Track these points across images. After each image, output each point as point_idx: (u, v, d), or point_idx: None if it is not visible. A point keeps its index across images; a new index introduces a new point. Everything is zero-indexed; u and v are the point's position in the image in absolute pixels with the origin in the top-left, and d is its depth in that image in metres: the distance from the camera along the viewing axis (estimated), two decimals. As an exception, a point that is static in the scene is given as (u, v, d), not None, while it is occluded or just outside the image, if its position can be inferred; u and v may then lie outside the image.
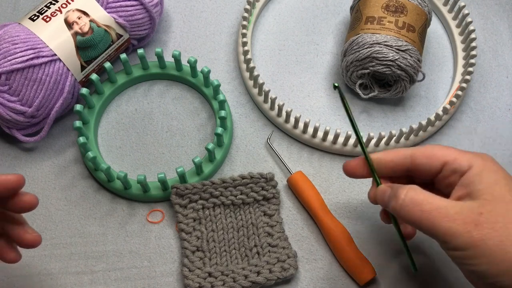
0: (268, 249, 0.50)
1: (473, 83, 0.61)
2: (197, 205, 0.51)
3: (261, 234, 0.51)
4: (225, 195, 0.52)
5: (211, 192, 0.51)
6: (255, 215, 0.52)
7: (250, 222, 0.51)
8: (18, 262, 0.42)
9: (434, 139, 0.57)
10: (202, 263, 0.50)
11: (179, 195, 0.51)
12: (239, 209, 0.52)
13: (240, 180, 0.51)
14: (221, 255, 0.50)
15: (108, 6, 0.54)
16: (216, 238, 0.51)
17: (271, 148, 0.56)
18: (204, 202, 0.52)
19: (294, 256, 0.50)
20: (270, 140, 0.56)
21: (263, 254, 0.50)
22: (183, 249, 0.50)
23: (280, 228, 0.51)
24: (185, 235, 0.51)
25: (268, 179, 0.52)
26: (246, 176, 0.52)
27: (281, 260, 0.49)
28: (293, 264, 0.49)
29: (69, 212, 0.53)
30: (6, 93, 0.50)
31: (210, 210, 0.52)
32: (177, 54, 0.55)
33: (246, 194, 0.52)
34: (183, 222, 0.51)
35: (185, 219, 0.51)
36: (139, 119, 0.57)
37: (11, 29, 0.51)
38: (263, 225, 0.51)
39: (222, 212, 0.52)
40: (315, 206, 0.51)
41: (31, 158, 0.55)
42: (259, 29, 0.63)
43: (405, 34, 0.54)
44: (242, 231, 0.51)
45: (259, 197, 0.52)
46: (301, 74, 0.60)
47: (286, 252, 0.50)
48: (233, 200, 0.52)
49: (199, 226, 0.51)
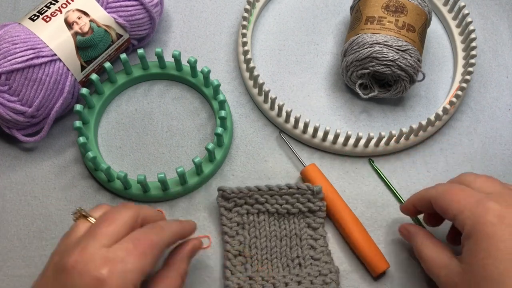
0: (310, 261, 0.50)
1: (473, 83, 0.61)
2: (242, 209, 0.51)
3: (304, 246, 0.50)
4: (270, 203, 0.51)
5: (256, 198, 0.51)
6: (299, 226, 0.51)
7: (294, 233, 0.51)
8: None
9: (434, 139, 0.57)
10: (244, 268, 0.49)
11: (225, 198, 0.51)
12: (283, 218, 0.51)
13: (287, 190, 0.51)
14: (263, 262, 0.50)
15: (108, 6, 0.54)
16: (258, 245, 0.50)
17: (284, 140, 0.55)
18: (249, 208, 0.51)
19: (336, 271, 0.49)
20: (282, 135, 0.56)
21: (305, 266, 0.50)
22: (226, 252, 0.50)
23: (324, 242, 0.51)
24: (228, 238, 0.50)
25: (315, 192, 0.51)
26: (293, 186, 0.51)
27: (323, 274, 0.49)
28: (335, 279, 0.49)
29: (69, 212, 0.53)
30: (6, 93, 0.50)
31: (255, 216, 0.51)
32: (177, 54, 0.55)
33: (292, 204, 0.51)
34: (227, 225, 0.51)
35: (229, 222, 0.51)
36: (139, 119, 0.57)
37: (11, 29, 0.51)
38: (307, 237, 0.51)
39: (266, 220, 0.51)
40: (331, 195, 0.52)
41: (31, 158, 0.55)
42: (259, 29, 0.63)
43: (405, 34, 0.54)
44: (285, 240, 0.51)
45: (305, 209, 0.51)
46: (301, 74, 0.60)
47: (328, 267, 0.49)
48: (278, 209, 0.51)
49: (242, 231, 0.51)
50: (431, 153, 0.57)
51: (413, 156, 0.57)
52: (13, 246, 0.52)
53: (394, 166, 0.56)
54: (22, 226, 0.52)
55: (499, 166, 0.56)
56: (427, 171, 0.56)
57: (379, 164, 0.56)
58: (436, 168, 0.56)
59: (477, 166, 0.56)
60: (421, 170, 0.56)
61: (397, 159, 0.56)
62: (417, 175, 0.56)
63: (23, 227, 0.52)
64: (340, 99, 0.59)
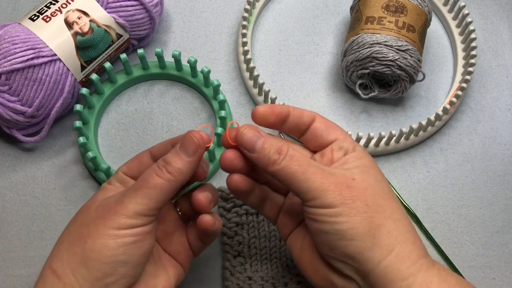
0: None
1: (473, 83, 0.61)
2: (241, 210, 0.51)
3: None
4: None
5: None
6: None
7: None
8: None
9: (434, 139, 0.57)
10: (243, 268, 0.49)
11: (224, 199, 0.51)
12: None
13: None
14: (262, 262, 0.50)
15: (108, 6, 0.54)
16: (257, 245, 0.50)
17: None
18: (248, 208, 0.51)
19: None
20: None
21: None
22: (224, 253, 0.50)
23: None
24: (226, 239, 0.50)
25: None
26: None
27: None
28: None
29: (69, 212, 0.53)
30: (6, 93, 0.50)
31: (254, 216, 0.51)
32: (177, 54, 0.55)
33: None
34: (226, 226, 0.50)
35: (228, 222, 0.51)
36: (139, 119, 0.57)
37: (11, 29, 0.51)
38: None
39: (265, 220, 0.51)
40: None
41: (31, 158, 0.55)
42: (259, 29, 0.63)
43: (405, 34, 0.54)
44: None
45: None
46: (301, 74, 0.60)
47: None
48: None
49: (241, 231, 0.51)
50: (431, 153, 0.57)
51: (413, 156, 0.57)
52: (13, 246, 0.52)
53: (394, 166, 0.56)
54: (22, 226, 0.52)
55: (499, 166, 0.56)
56: (427, 171, 0.56)
57: (379, 164, 0.56)
58: (436, 168, 0.56)
59: (477, 166, 0.56)
60: (421, 170, 0.56)
61: (397, 159, 0.56)
62: (417, 175, 0.56)
63: (23, 227, 0.52)
64: (340, 99, 0.59)
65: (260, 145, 0.38)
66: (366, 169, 0.39)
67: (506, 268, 0.52)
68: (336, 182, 0.37)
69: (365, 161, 0.39)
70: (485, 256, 0.52)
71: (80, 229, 0.39)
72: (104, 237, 0.37)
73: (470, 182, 0.56)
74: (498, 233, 0.53)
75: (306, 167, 0.37)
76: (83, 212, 0.41)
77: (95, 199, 0.41)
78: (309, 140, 0.41)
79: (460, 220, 0.54)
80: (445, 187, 0.55)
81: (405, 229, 0.37)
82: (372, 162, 0.40)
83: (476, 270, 0.52)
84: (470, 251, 0.53)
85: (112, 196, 0.40)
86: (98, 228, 0.37)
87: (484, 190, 0.55)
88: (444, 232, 0.53)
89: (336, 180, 0.37)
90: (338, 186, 0.36)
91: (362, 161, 0.39)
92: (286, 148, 0.38)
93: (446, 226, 0.54)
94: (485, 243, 0.53)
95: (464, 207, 0.55)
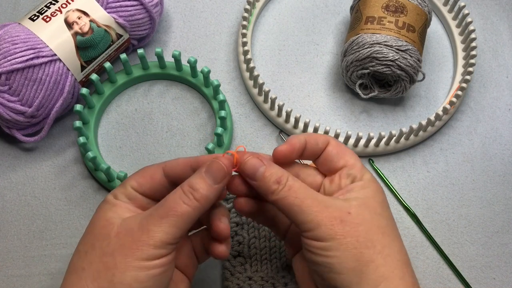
0: None
1: (473, 83, 0.61)
2: None
3: None
4: None
5: None
6: None
7: None
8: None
9: (434, 139, 0.57)
10: (243, 268, 0.49)
11: (224, 199, 0.51)
12: None
13: None
14: (262, 262, 0.50)
15: (108, 6, 0.54)
16: (257, 245, 0.50)
17: (284, 140, 0.55)
18: None
19: None
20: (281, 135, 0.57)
21: None
22: None
23: None
24: None
25: None
26: None
27: None
28: None
29: (69, 212, 0.53)
30: (6, 93, 0.50)
31: None
32: (177, 54, 0.55)
33: None
34: None
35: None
36: (139, 119, 0.57)
37: (11, 29, 0.51)
38: None
39: None
40: None
41: (31, 158, 0.55)
42: (259, 29, 0.63)
43: (405, 34, 0.54)
44: None
45: None
46: (301, 74, 0.60)
47: None
48: None
49: (241, 231, 0.51)
50: (431, 153, 0.57)
51: (413, 156, 0.57)
52: (13, 246, 0.52)
53: (394, 166, 0.56)
54: (22, 226, 0.52)
55: (499, 166, 0.56)
56: (427, 171, 0.56)
57: (379, 164, 0.56)
58: (436, 168, 0.56)
59: (477, 166, 0.56)
60: (421, 170, 0.56)
61: (397, 159, 0.56)
62: (417, 175, 0.56)
63: (23, 227, 0.52)
64: (340, 99, 0.59)
65: (261, 174, 0.39)
66: (366, 201, 0.39)
67: (506, 268, 0.52)
68: (330, 216, 0.37)
69: (369, 192, 0.39)
70: (485, 256, 0.52)
71: (104, 259, 0.37)
72: (133, 269, 0.35)
73: (470, 182, 0.56)
74: (498, 233, 0.53)
75: (303, 199, 0.37)
76: (100, 237, 0.38)
77: (107, 219, 0.38)
78: (321, 164, 0.42)
79: (460, 220, 0.54)
80: (445, 187, 0.55)
81: (394, 265, 0.37)
82: (375, 192, 0.40)
83: (476, 270, 0.52)
84: (470, 251, 0.53)
85: (131, 221, 0.38)
86: (125, 259, 0.36)
87: (484, 190, 0.55)
88: (444, 232, 0.53)
89: (331, 214, 0.37)
90: (332, 221, 0.37)
91: (366, 191, 0.39)
92: (286, 178, 0.38)
93: (446, 226, 0.54)
94: (485, 243, 0.53)
95: (464, 207, 0.55)
